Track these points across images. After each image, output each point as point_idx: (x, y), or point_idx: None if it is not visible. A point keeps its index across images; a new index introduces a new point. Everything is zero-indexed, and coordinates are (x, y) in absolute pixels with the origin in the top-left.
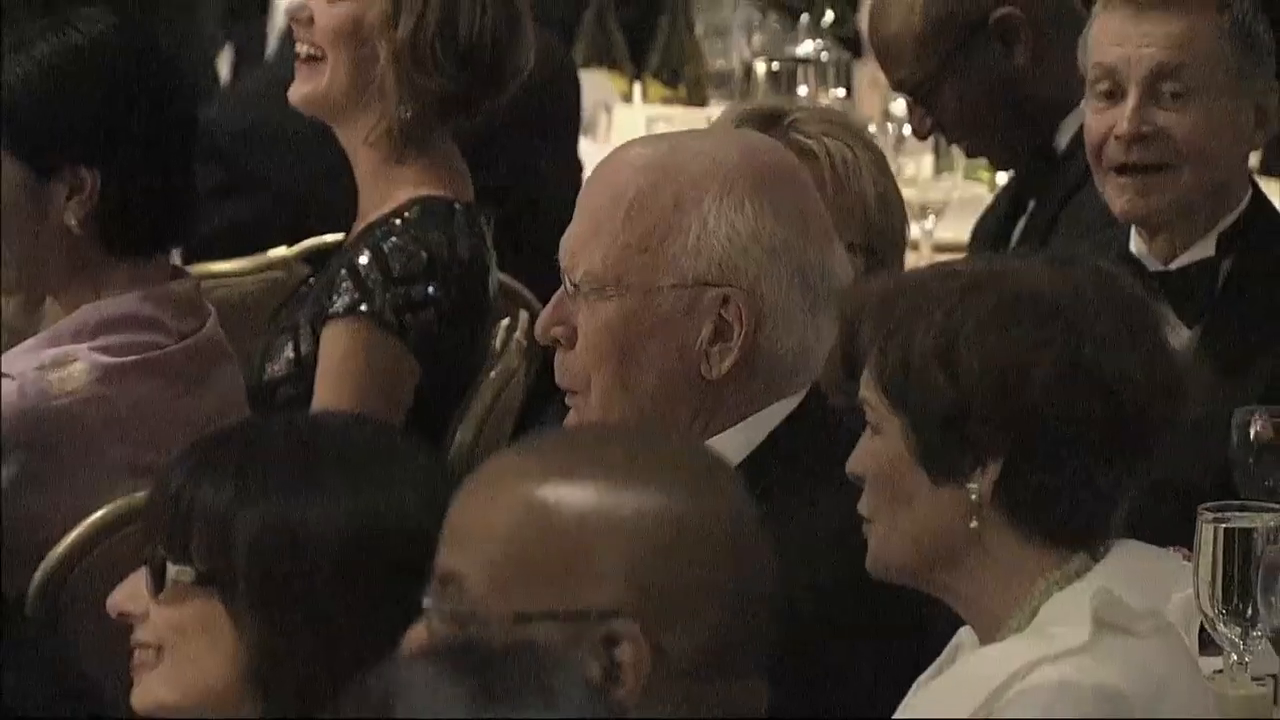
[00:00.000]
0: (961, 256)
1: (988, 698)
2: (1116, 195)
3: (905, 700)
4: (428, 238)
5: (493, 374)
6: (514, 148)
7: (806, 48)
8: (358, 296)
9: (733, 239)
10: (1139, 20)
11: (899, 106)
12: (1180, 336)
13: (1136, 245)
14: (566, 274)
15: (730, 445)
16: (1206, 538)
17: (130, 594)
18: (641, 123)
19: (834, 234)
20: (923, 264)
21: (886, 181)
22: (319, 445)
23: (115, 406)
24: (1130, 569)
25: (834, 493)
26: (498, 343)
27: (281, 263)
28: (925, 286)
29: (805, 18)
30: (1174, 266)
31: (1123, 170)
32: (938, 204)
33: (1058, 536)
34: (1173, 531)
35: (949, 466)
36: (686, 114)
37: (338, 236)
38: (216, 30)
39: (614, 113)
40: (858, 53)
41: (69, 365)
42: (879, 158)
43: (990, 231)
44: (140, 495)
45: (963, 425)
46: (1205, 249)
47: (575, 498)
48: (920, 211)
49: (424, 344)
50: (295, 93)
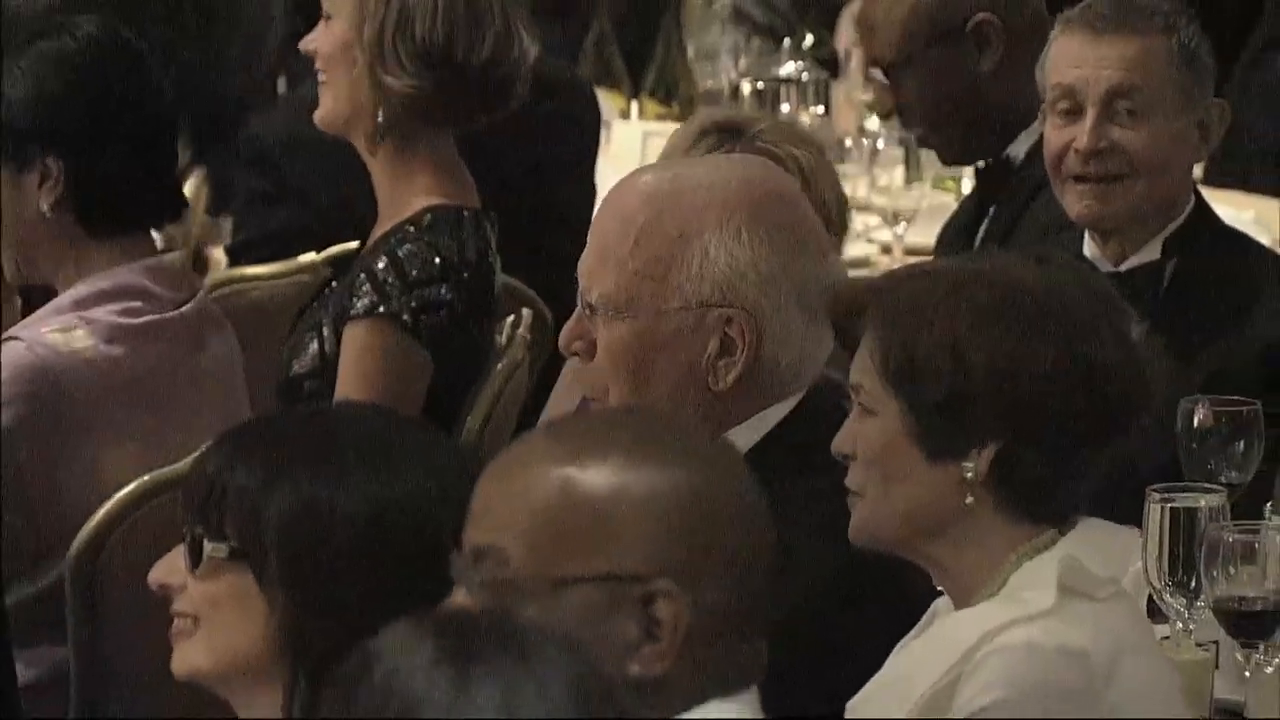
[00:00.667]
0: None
1: (962, 656)
2: (1075, 201)
3: (886, 663)
4: (439, 243)
5: (500, 366)
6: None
7: (788, 69)
8: (376, 299)
9: (732, 266)
10: (1096, 44)
11: (873, 122)
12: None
13: (1089, 248)
14: (583, 294)
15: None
16: (1154, 516)
17: (169, 568)
18: (638, 137)
19: (828, 245)
20: (895, 266)
21: (838, 184)
22: (343, 433)
23: (119, 366)
24: (1092, 542)
25: (829, 485)
26: (504, 338)
27: (309, 267)
28: (921, 282)
29: (787, 42)
30: (1124, 268)
31: (1081, 179)
32: (908, 211)
33: (1038, 514)
34: (1125, 510)
35: (948, 448)
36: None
37: (357, 244)
38: (278, 44)
39: (613, 128)
40: (835, 73)
41: (74, 330)
42: (830, 164)
43: (955, 236)
44: (165, 470)
45: (965, 411)
46: (1152, 252)
47: (604, 473)
48: (893, 218)
49: (437, 341)
50: (315, 116)
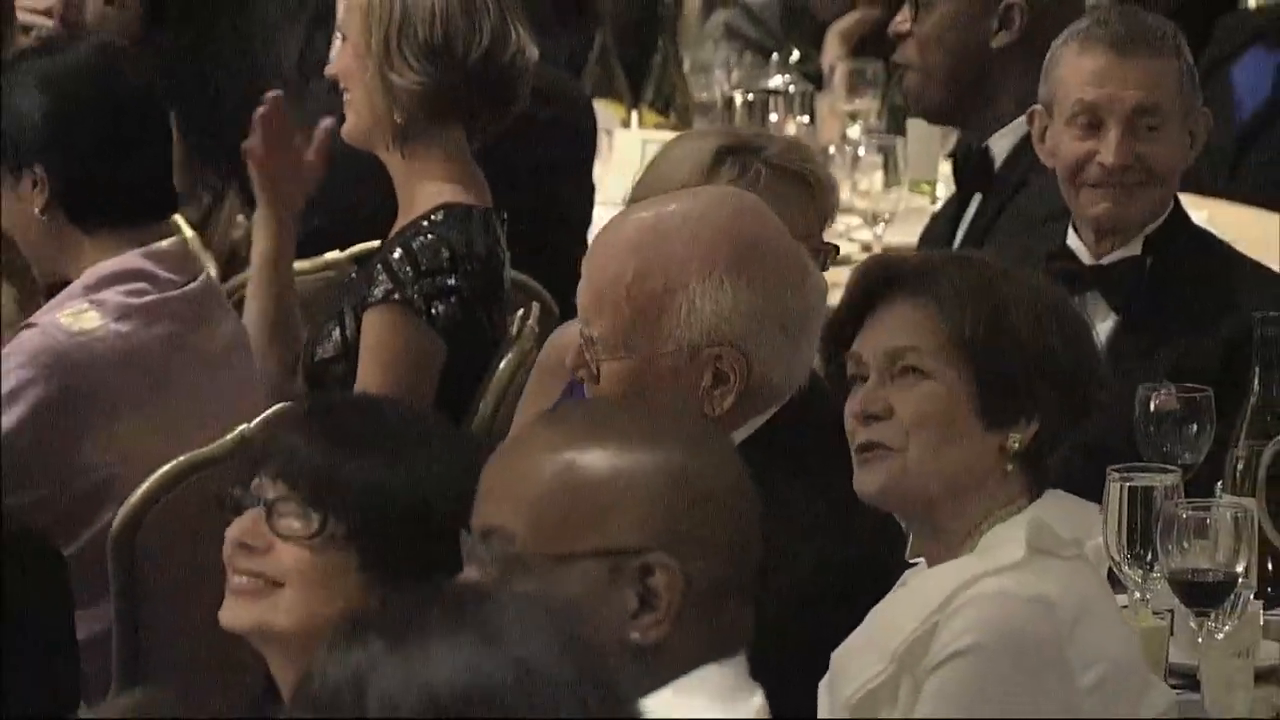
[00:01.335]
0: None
1: (939, 605)
2: (1093, 204)
3: (865, 619)
4: (450, 237)
5: (510, 355)
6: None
7: (776, 82)
8: (391, 287)
9: (718, 312)
10: (1121, 64)
11: (854, 131)
12: (1106, 323)
13: (1073, 240)
14: (583, 326)
15: None
16: (1114, 494)
17: (252, 530)
18: (638, 144)
19: (806, 263)
20: None
21: (836, 189)
22: (407, 424)
23: (127, 342)
24: (1057, 511)
25: (806, 482)
26: (514, 330)
27: (335, 264)
28: (972, 266)
29: (775, 57)
30: (1106, 261)
31: (1098, 184)
32: (887, 212)
33: (1038, 482)
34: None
35: (1003, 417)
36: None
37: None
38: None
39: (615, 136)
40: (820, 86)
41: (85, 312)
42: (830, 174)
43: (941, 226)
44: (199, 451)
45: (1027, 385)
46: (1134, 248)
47: (601, 456)
48: (872, 219)
49: (448, 326)
50: (342, 131)
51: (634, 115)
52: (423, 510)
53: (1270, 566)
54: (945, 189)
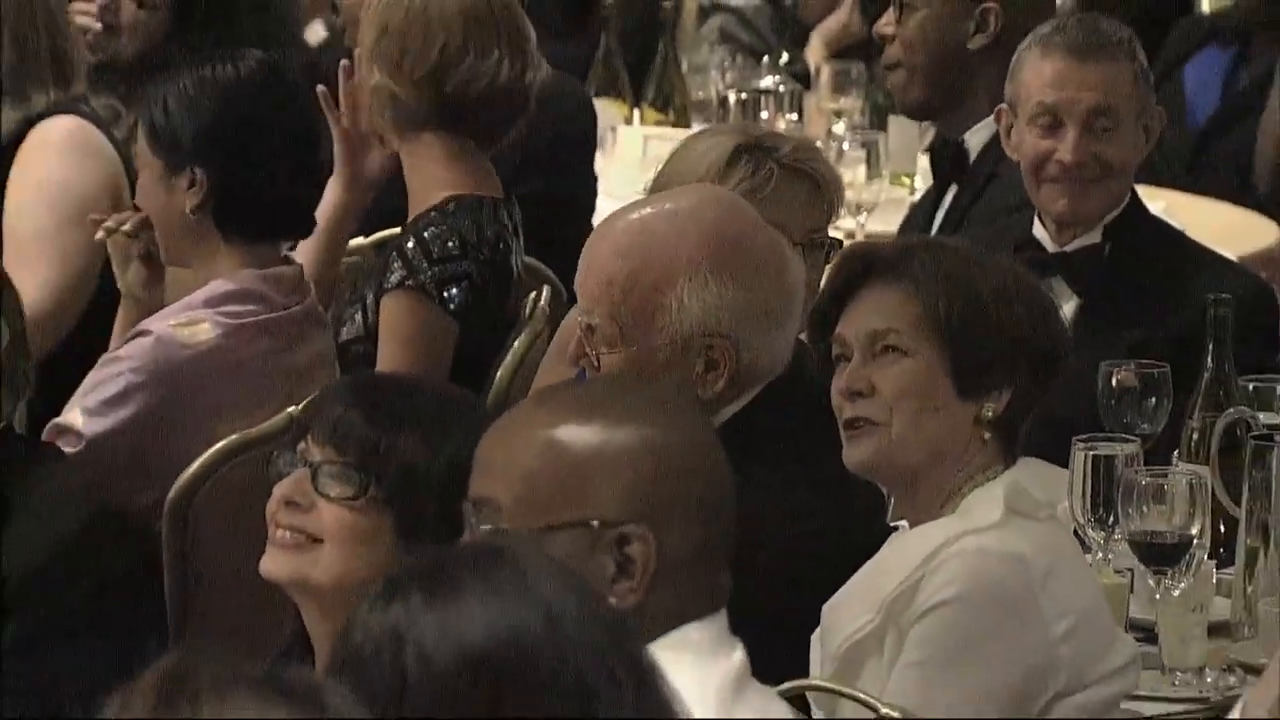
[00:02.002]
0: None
1: (923, 560)
2: (1054, 200)
3: (855, 575)
4: (460, 226)
5: (523, 335)
6: (546, 163)
7: (767, 82)
8: (406, 273)
9: (704, 310)
10: (1079, 69)
11: (839, 127)
12: (1069, 304)
13: (1038, 229)
14: (583, 316)
15: None
16: (1079, 462)
17: (299, 489)
18: (639, 140)
19: (785, 252)
20: None
21: (841, 184)
22: (441, 402)
23: (232, 357)
24: (1032, 475)
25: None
26: (527, 311)
27: (359, 249)
28: (948, 252)
29: (766, 59)
30: (1069, 248)
31: (1058, 181)
32: (870, 203)
33: (1012, 448)
34: (1057, 457)
35: (977, 388)
36: (674, 133)
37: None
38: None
39: (618, 132)
40: (807, 86)
41: (198, 324)
42: (836, 171)
43: (918, 218)
44: (248, 431)
45: (997, 358)
46: (1094, 236)
47: (583, 433)
48: (856, 209)
49: (460, 309)
50: None
51: (636, 113)
52: (454, 481)
53: (1222, 529)
54: (923, 181)
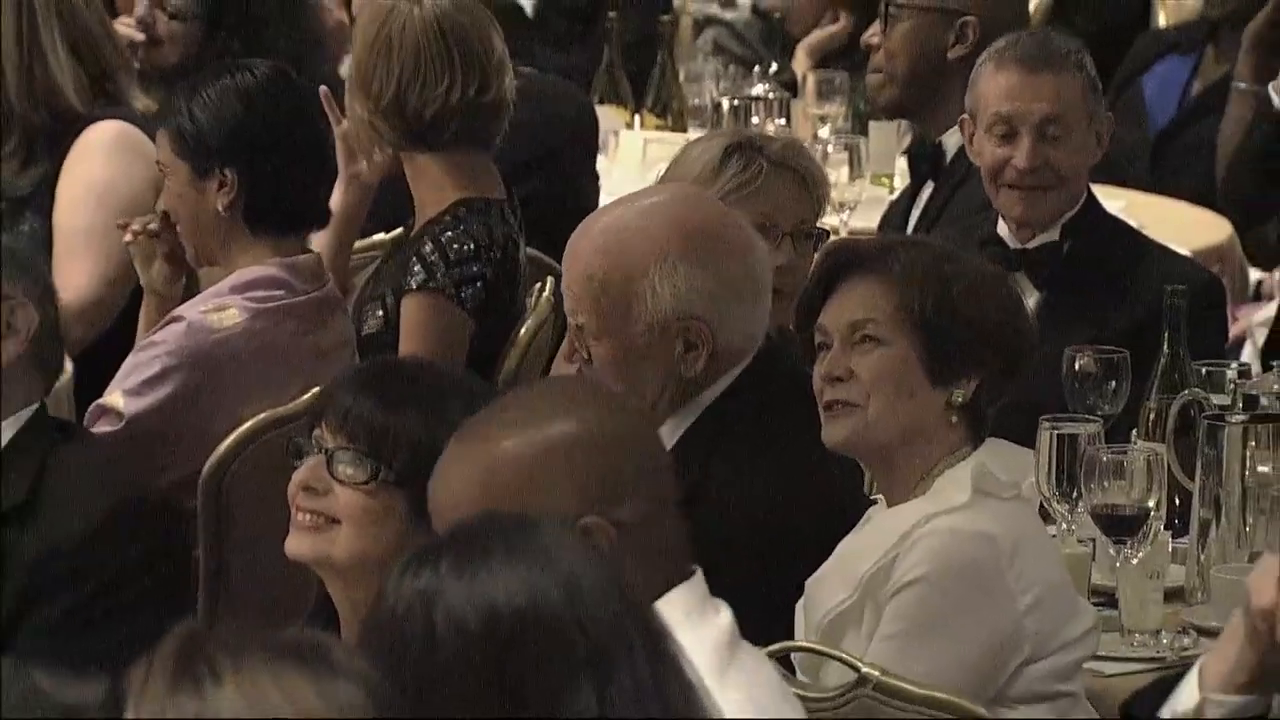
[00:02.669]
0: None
1: (898, 540)
2: (1012, 205)
3: (835, 551)
4: (472, 230)
5: (529, 322)
6: (550, 164)
7: (758, 89)
8: (425, 276)
9: (676, 294)
10: (1030, 81)
11: (824, 131)
12: (1031, 298)
13: (1002, 228)
14: (570, 316)
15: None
16: (1045, 441)
17: (315, 475)
18: (640, 143)
19: (750, 236)
20: None
21: (826, 181)
22: (445, 382)
23: (259, 339)
24: (997, 457)
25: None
26: (533, 301)
27: (379, 245)
28: (924, 249)
29: (756, 69)
30: (1030, 246)
31: (1015, 187)
32: (852, 201)
33: (980, 432)
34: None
35: (948, 375)
36: (672, 137)
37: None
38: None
39: (620, 136)
40: (794, 93)
41: (226, 310)
42: (823, 169)
43: (896, 215)
44: (276, 410)
45: (970, 349)
46: (1053, 234)
47: (533, 440)
48: (839, 206)
49: (476, 306)
50: None
51: (637, 119)
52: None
53: (1177, 502)
54: (901, 181)
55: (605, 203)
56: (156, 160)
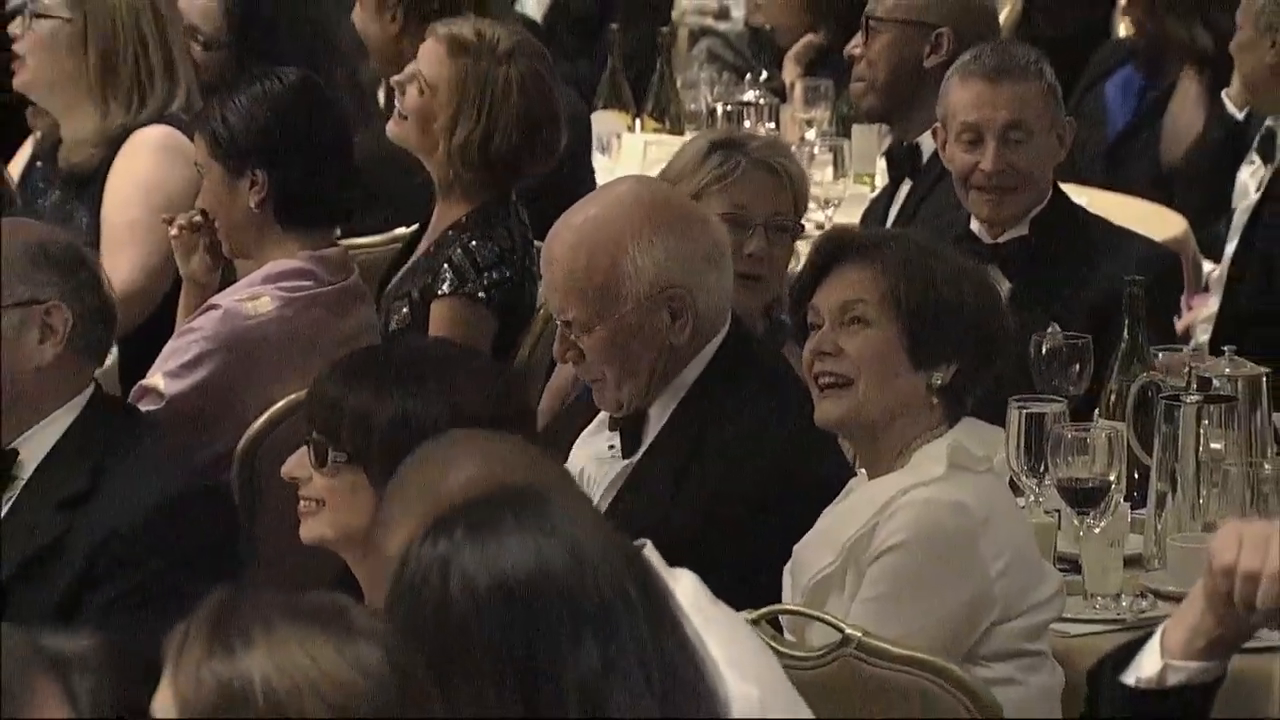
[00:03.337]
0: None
1: (878, 510)
2: (980, 206)
3: (819, 520)
4: (495, 233)
5: (540, 312)
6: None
7: (749, 95)
8: (458, 283)
9: (656, 265)
10: (993, 90)
11: (811, 134)
12: (1003, 288)
13: (975, 224)
14: (558, 315)
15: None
16: (1013, 419)
17: (298, 465)
18: (640, 145)
19: (706, 214)
20: None
21: (806, 179)
22: (420, 358)
23: (290, 325)
24: (972, 434)
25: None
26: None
27: (399, 238)
28: (909, 241)
29: (748, 76)
30: (1000, 240)
31: (983, 189)
32: (836, 198)
33: (957, 411)
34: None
35: (928, 359)
36: (670, 139)
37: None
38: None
39: (621, 138)
40: (783, 99)
41: (259, 298)
42: (802, 168)
43: (878, 210)
44: (304, 393)
45: (951, 334)
46: (1022, 229)
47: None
48: (824, 203)
49: (502, 306)
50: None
51: (637, 122)
52: (408, 431)
53: (1136, 476)
54: (881, 180)
55: None
56: (194, 161)
